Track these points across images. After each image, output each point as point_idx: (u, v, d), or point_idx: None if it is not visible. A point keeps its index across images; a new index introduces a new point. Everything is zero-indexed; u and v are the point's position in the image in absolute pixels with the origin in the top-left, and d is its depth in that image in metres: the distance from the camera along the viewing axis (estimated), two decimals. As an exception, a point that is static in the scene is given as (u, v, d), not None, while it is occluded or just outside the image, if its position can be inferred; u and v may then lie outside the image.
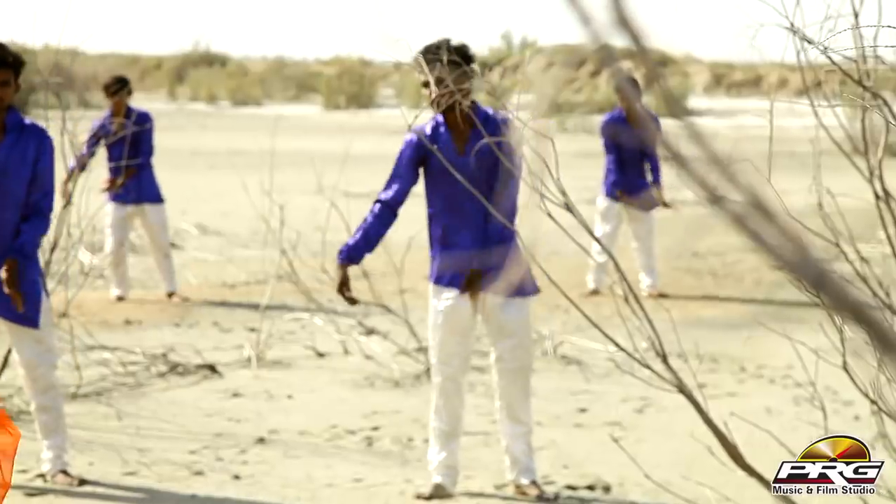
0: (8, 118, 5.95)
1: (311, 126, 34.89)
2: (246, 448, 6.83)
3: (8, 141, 5.94)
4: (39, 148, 5.98)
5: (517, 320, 5.94)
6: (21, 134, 5.96)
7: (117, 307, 10.79)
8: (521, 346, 5.97)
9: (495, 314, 5.93)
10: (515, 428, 6.01)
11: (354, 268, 10.01)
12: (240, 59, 58.46)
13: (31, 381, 6.14)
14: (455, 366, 5.97)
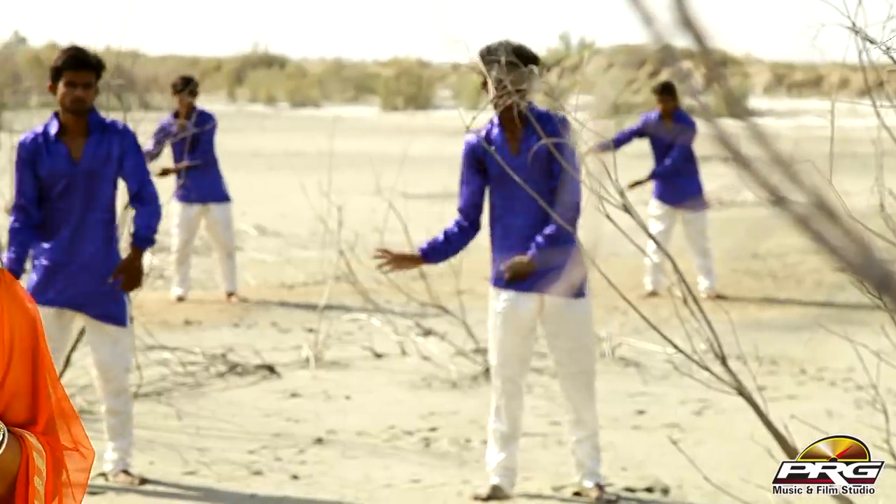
0: (90, 119, 6.03)
1: (369, 127, 34.99)
2: (304, 448, 6.86)
3: (92, 141, 6.02)
4: (123, 144, 6.06)
5: (577, 323, 5.92)
6: (104, 133, 6.04)
7: (177, 307, 10.86)
8: (582, 349, 5.95)
9: (554, 317, 5.91)
10: (580, 432, 5.99)
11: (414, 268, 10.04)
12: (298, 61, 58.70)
13: (103, 383, 6.20)
14: (514, 368, 5.96)
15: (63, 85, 5.94)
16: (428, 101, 46.73)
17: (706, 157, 11.56)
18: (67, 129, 6.00)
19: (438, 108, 45.18)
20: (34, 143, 6.01)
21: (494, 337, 5.96)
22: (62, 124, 6.01)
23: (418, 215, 13.15)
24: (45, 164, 5.98)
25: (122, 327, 6.15)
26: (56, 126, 6.00)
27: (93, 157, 6.00)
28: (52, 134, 6.00)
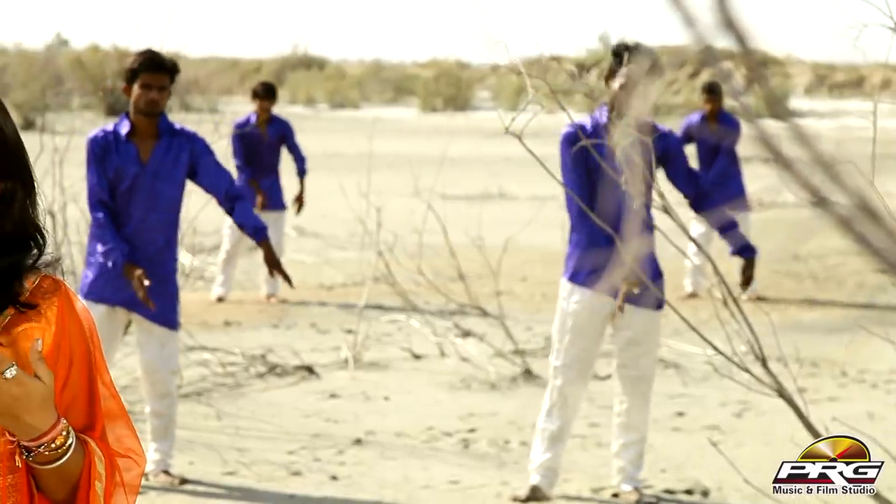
0: (160, 122, 6.07)
1: (408, 128, 35.03)
2: (343, 449, 6.87)
3: (161, 144, 6.05)
4: (195, 149, 6.09)
5: (648, 330, 5.91)
6: (173, 137, 6.07)
7: (217, 308, 10.91)
8: (648, 355, 5.95)
9: (627, 322, 5.88)
10: (629, 436, 5.97)
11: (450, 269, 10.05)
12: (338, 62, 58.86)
13: (149, 385, 6.23)
14: (578, 370, 5.93)
15: (138, 87, 5.98)
16: (467, 103, 46.76)
17: (748, 158, 11.52)
18: (137, 131, 6.04)
19: (477, 109, 45.20)
20: (104, 140, 6.05)
21: (562, 336, 5.92)
22: (133, 125, 6.05)
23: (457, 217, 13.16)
24: (113, 163, 6.02)
25: (174, 331, 6.19)
26: (127, 126, 6.04)
27: (161, 160, 6.03)
28: (123, 134, 6.04)
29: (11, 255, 2.19)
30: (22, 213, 2.18)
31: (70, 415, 2.22)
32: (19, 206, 2.17)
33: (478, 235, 10.42)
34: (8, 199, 2.16)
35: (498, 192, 19.17)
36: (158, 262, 6.07)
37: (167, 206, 6.09)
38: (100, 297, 6.03)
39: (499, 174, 20.52)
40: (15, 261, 2.20)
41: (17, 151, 2.18)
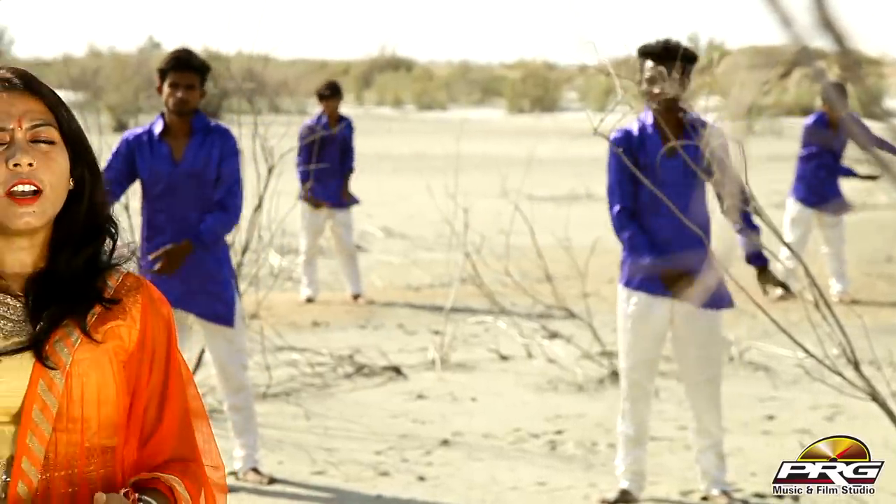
0: (194, 121, 6.12)
1: (495, 130, 35.01)
2: (430, 450, 6.88)
3: (194, 143, 6.10)
4: (224, 148, 6.12)
5: (708, 332, 5.85)
6: (206, 136, 6.11)
7: (305, 308, 10.98)
8: (709, 357, 5.89)
9: (685, 323, 5.84)
10: (704, 440, 5.93)
11: (537, 270, 10.02)
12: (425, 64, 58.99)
13: (223, 381, 6.29)
14: (643, 372, 5.91)
15: (167, 86, 6.05)
16: (554, 104, 46.63)
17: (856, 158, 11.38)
18: (171, 130, 6.09)
19: (565, 110, 45.07)
20: (137, 140, 6.11)
21: (624, 340, 5.91)
22: (167, 125, 6.10)
23: (544, 218, 13.12)
24: (147, 163, 6.07)
25: (230, 328, 6.22)
26: (161, 126, 6.10)
27: (194, 159, 6.07)
28: (157, 133, 6.10)
29: (88, 247, 2.25)
30: (92, 201, 2.25)
31: (148, 414, 2.27)
32: (89, 195, 2.25)
33: (565, 236, 10.38)
34: (79, 187, 2.24)
35: (585, 193, 19.09)
36: (202, 260, 6.09)
37: (205, 205, 6.10)
38: None
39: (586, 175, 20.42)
40: (93, 253, 2.25)
41: (83, 144, 2.26)
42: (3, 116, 2.18)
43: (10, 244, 2.21)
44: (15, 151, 2.16)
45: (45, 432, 2.16)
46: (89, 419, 2.18)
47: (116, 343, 2.23)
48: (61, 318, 2.20)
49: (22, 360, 2.17)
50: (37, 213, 2.17)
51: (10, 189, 2.16)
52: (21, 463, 2.14)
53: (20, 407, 2.15)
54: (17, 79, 2.22)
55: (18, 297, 2.21)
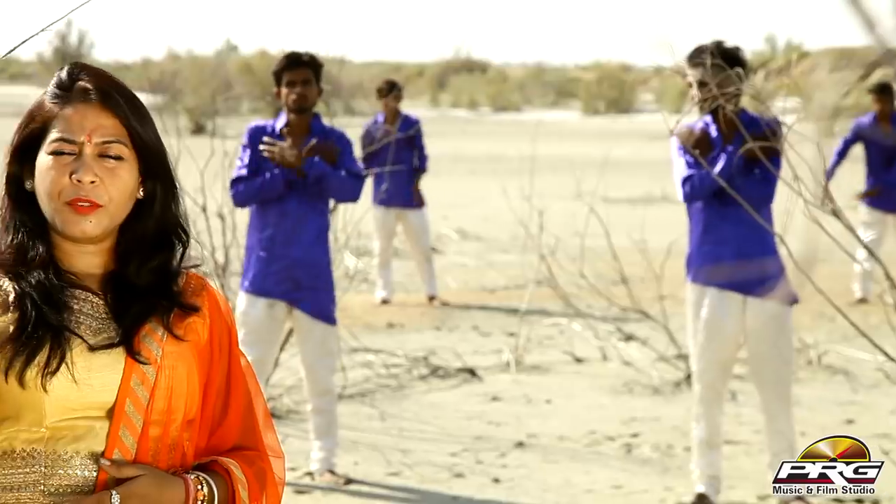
0: (313, 122, 6.21)
1: (570, 131, 34.93)
2: (505, 452, 6.88)
3: (312, 141, 6.17)
4: (343, 152, 6.21)
5: (778, 331, 5.80)
6: (324, 137, 6.19)
7: (381, 310, 11.02)
8: (780, 357, 5.83)
9: (756, 323, 5.80)
10: (778, 444, 5.87)
11: (613, 272, 9.98)
12: (500, 66, 58.98)
13: (310, 383, 6.34)
14: (715, 374, 5.87)
15: (284, 86, 6.15)
16: (630, 105, 46.44)
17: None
18: (291, 129, 6.19)
19: (640, 111, 44.86)
20: (261, 132, 6.21)
21: (695, 342, 5.88)
22: (288, 122, 6.19)
23: (619, 220, 13.07)
24: (265, 157, 6.15)
25: (331, 325, 6.27)
26: (282, 123, 6.20)
27: (311, 158, 6.14)
28: (277, 129, 6.18)
29: (158, 255, 2.28)
30: (163, 212, 2.28)
31: (215, 406, 2.32)
32: (160, 206, 2.28)
33: (641, 238, 10.33)
34: (149, 199, 2.27)
35: (661, 195, 18.99)
36: (313, 255, 6.19)
37: (320, 202, 6.22)
38: (260, 291, 6.16)
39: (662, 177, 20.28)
40: (164, 259, 2.29)
41: (158, 154, 2.28)
42: (76, 129, 2.21)
43: (78, 248, 2.25)
44: (80, 166, 2.20)
45: (136, 426, 2.20)
46: (175, 412, 2.23)
47: (194, 338, 2.28)
48: (146, 315, 2.24)
49: (113, 356, 2.20)
50: (93, 224, 2.21)
51: (69, 200, 2.20)
52: (113, 455, 2.18)
53: (114, 401, 2.19)
54: (94, 91, 2.24)
55: (98, 295, 2.25)
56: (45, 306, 2.18)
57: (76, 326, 2.20)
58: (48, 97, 2.26)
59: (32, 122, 2.25)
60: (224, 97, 22.56)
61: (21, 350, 2.16)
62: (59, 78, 2.27)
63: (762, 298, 5.74)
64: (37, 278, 2.21)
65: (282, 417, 7.44)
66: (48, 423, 2.16)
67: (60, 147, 2.21)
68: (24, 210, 2.25)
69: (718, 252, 5.77)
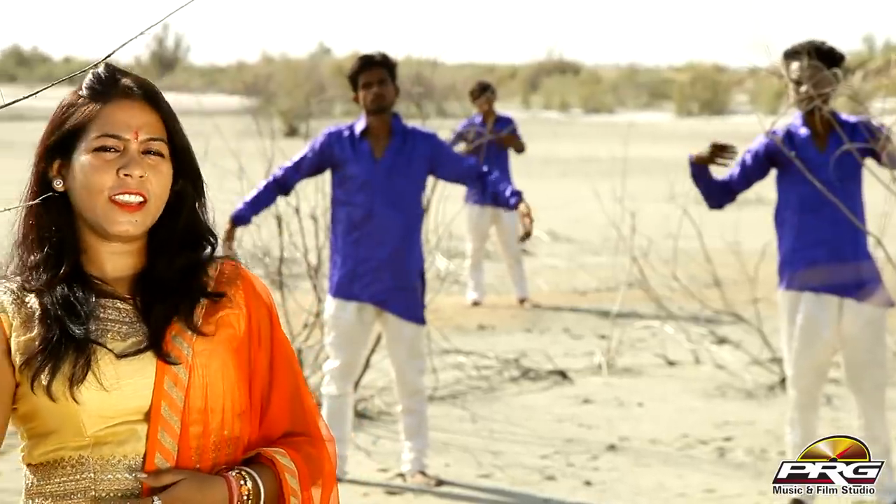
0: (394, 122, 6.22)
1: (663, 133, 34.71)
2: (597, 454, 6.85)
3: (395, 142, 6.19)
4: (431, 146, 6.20)
5: (873, 334, 5.72)
6: (406, 137, 6.20)
7: (472, 312, 11.02)
8: (876, 361, 5.75)
9: (851, 327, 5.72)
10: (872, 447, 5.79)
11: (706, 274, 9.90)
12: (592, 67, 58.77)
13: (399, 385, 6.36)
14: (810, 379, 5.80)
15: (361, 88, 6.16)
16: (724, 106, 46.03)
17: None
18: (371, 130, 6.20)
19: (735, 113, 44.45)
20: (338, 136, 6.22)
21: (791, 346, 5.81)
22: (368, 125, 6.21)
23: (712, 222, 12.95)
24: (348, 160, 6.17)
25: (420, 325, 6.28)
26: (363, 124, 6.21)
27: (395, 157, 6.16)
28: (358, 132, 6.21)
29: (185, 255, 2.29)
30: (192, 214, 2.30)
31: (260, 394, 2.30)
32: (189, 207, 2.29)
33: (734, 240, 10.24)
34: (179, 198, 2.28)
35: (755, 197, 18.77)
36: (399, 257, 6.18)
37: (404, 202, 6.18)
38: (348, 295, 6.18)
39: (756, 179, 20.12)
40: (193, 257, 2.29)
41: (190, 154, 2.30)
42: (122, 126, 2.23)
43: (109, 248, 2.26)
44: (128, 161, 2.21)
45: (175, 427, 2.20)
46: (214, 409, 2.22)
47: (229, 332, 2.27)
48: (173, 314, 2.24)
49: (144, 360, 2.21)
50: (137, 223, 2.22)
51: (116, 195, 2.21)
52: (154, 458, 2.19)
53: (149, 405, 2.20)
54: (138, 89, 2.26)
55: (127, 299, 2.26)
56: (70, 319, 2.19)
57: (103, 335, 2.21)
58: (85, 93, 2.25)
59: (68, 121, 2.25)
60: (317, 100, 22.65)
61: (46, 364, 2.17)
62: (97, 76, 2.27)
63: (859, 302, 5.68)
64: (62, 292, 2.21)
65: (373, 419, 7.48)
66: (89, 433, 2.18)
67: (105, 143, 2.22)
68: (50, 214, 2.24)
69: (813, 255, 5.71)
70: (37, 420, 2.20)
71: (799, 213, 5.75)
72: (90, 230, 2.24)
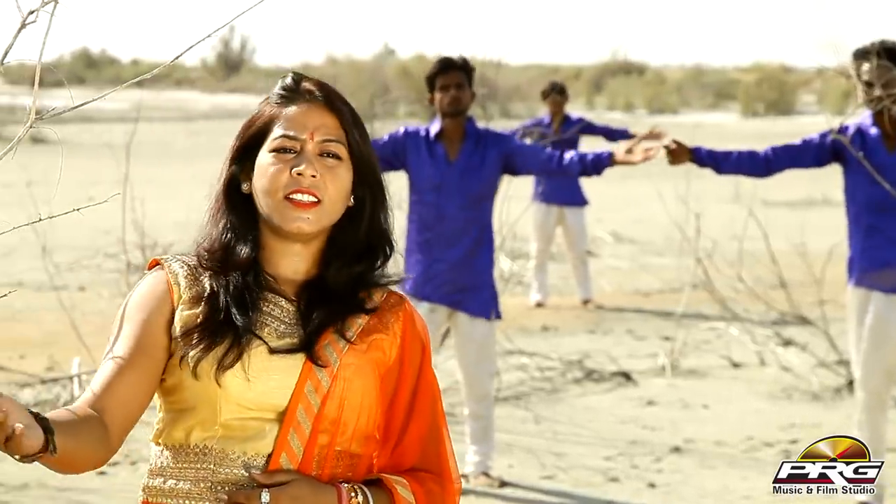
0: (468, 125, 6.23)
1: (729, 134, 34.47)
2: (661, 456, 6.83)
3: (468, 145, 6.19)
4: (504, 145, 6.18)
5: None
6: (480, 139, 6.21)
7: (535, 313, 11.01)
8: None
9: None
10: None
11: (771, 276, 9.83)
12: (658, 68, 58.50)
13: (467, 388, 6.36)
14: (879, 381, 5.75)
15: (438, 91, 6.18)
16: (790, 107, 45.66)
17: None
18: (446, 132, 6.21)
19: (802, 113, 44.09)
20: (415, 136, 6.22)
21: (860, 348, 5.76)
22: (442, 128, 6.22)
23: (778, 223, 12.87)
24: (422, 161, 6.18)
25: (494, 321, 6.24)
26: (437, 127, 6.22)
27: (468, 158, 6.17)
28: (433, 134, 6.22)
29: (361, 263, 2.32)
30: (371, 222, 2.32)
31: (397, 426, 2.32)
32: (368, 216, 2.32)
33: (800, 242, 10.16)
34: (358, 208, 2.31)
35: (822, 199, 18.63)
36: (472, 257, 6.19)
37: (477, 204, 6.19)
38: (421, 295, 6.19)
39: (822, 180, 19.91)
40: (366, 268, 2.32)
41: (371, 164, 2.33)
42: (298, 127, 2.27)
43: (286, 249, 2.30)
44: (301, 161, 2.25)
45: (305, 431, 2.22)
46: (346, 423, 2.24)
47: (378, 355, 2.29)
48: (330, 323, 2.27)
49: (293, 361, 2.24)
50: (311, 221, 2.25)
51: (290, 194, 2.25)
52: (279, 459, 2.21)
53: (286, 405, 2.22)
54: (319, 92, 2.31)
55: (291, 301, 2.29)
56: (235, 305, 2.24)
57: (260, 328, 2.25)
58: (272, 100, 2.32)
59: (255, 124, 2.32)
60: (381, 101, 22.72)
61: (200, 342, 2.22)
62: (284, 82, 2.33)
63: None
64: (235, 278, 2.27)
65: (437, 419, 7.49)
66: (222, 419, 2.21)
67: (282, 143, 2.27)
68: (237, 212, 2.31)
69: (885, 255, 5.66)
70: (177, 395, 2.24)
71: (868, 213, 5.70)
72: (271, 231, 2.29)
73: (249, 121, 2.33)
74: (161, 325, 2.25)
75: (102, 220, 9.50)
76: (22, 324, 9.83)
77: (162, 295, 2.27)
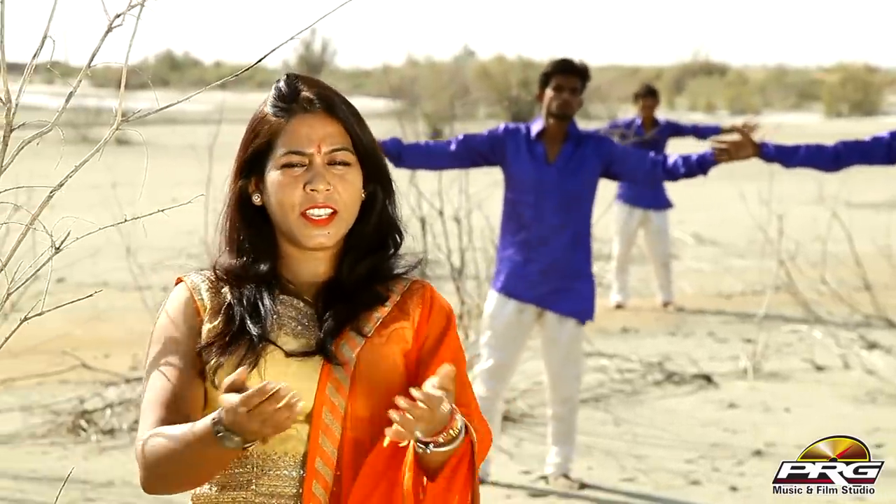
0: (570, 127, 6.19)
1: (812, 135, 34.10)
2: (743, 460, 6.77)
3: (569, 146, 6.15)
4: (604, 149, 6.14)
5: None
6: (580, 142, 6.18)
7: (616, 314, 10.97)
8: None
9: None
10: None
11: (855, 278, 9.71)
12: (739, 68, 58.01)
13: (552, 390, 6.34)
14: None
15: (551, 90, 6.14)
16: (875, 108, 45.07)
17: None
18: (547, 133, 6.17)
19: (887, 114, 43.51)
20: (515, 132, 6.19)
21: None
22: (545, 127, 6.18)
23: (863, 225, 12.72)
24: (521, 159, 6.15)
25: (583, 322, 6.21)
26: (539, 126, 6.19)
27: (568, 160, 6.13)
28: (534, 133, 6.20)
29: (373, 256, 2.33)
30: (382, 214, 2.34)
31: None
32: (380, 207, 2.34)
33: (885, 244, 10.04)
34: (370, 201, 2.33)
35: (908, 200, 18.39)
36: (568, 257, 6.15)
37: (575, 205, 6.14)
38: (511, 293, 6.17)
39: (908, 181, 19.68)
40: (378, 260, 2.33)
41: (377, 156, 2.34)
42: (304, 141, 2.27)
43: (305, 256, 2.32)
44: (313, 176, 2.26)
45: (335, 432, 2.23)
46: (383, 418, 2.21)
47: (401, 345, 2.30)
48: (346, 321, 2.27)
49: (311, 363, 2.25)
50: (330, 235, 2.27)
51: (306, 211, 2.26)
52: (315, 463, 2.22)
53: (312, 408, 2.23)
54: (318, 101, 2.29)
55: (309, 302, 2.31)
56: (250, 314, 2.26)
57: (277, 333, 2.26)
58: (270, 110, 2.31)
59: (257, 138, 2.31)
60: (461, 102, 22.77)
61: (216, 354, 2.24)
62: (279, 90, 2.31)
63: None
64: (250, 291, 2.29)
65: (516, 421, 7.48)
66: None
67: (290, 160, 2.27)
68: (253, 227, 2.32)
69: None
70: (210, 407, 2.26)
71: None
72: (289, 241, 2.31)
73: (250, 133, 2.32)
74: (194, 340, 2.28)
75: (185, 221, 9.59)
76: (106, 323, 9.96)
77: (190, 311, 2.31)
